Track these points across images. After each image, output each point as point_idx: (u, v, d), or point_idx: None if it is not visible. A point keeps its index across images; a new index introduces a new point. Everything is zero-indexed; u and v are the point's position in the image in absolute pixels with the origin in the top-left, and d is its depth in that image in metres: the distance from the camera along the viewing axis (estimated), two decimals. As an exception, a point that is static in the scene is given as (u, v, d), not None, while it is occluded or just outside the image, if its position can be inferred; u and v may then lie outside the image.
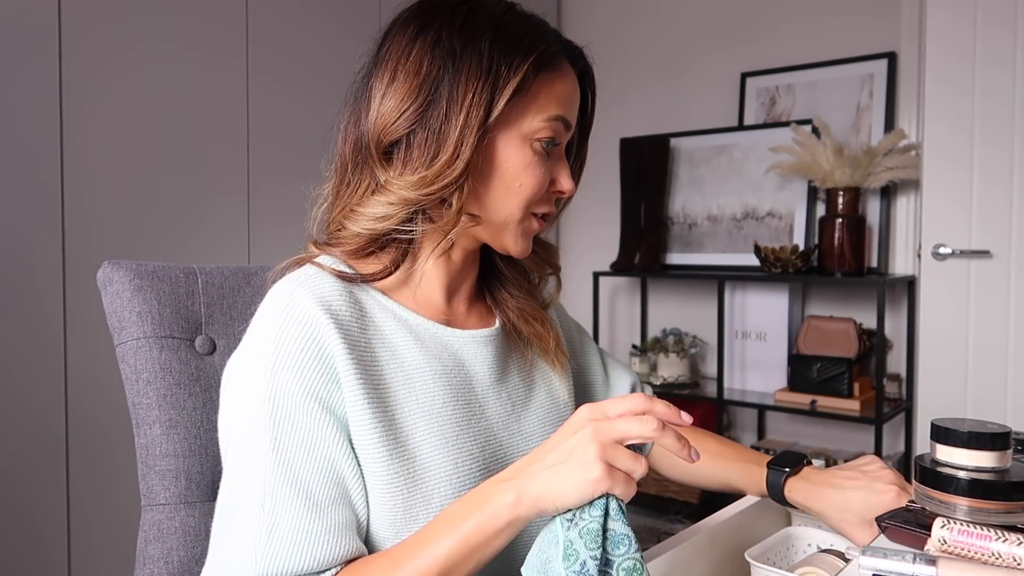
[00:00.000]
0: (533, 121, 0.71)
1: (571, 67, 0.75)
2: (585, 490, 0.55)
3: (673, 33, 2.93)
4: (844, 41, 2.55)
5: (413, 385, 0.70)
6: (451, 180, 0.68)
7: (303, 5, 2.20)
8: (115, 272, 0.83)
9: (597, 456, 0.56)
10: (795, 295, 2.61)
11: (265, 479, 0.63)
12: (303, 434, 0.64)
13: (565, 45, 0.75)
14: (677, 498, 2.62)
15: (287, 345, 0.65)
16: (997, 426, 0.64)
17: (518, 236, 0.75)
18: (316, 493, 0.63)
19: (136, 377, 0.81)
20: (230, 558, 0.63)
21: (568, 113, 0.73)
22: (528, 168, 0.72)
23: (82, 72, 1.73)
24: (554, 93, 0.72)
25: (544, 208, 0.75)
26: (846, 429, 2.57)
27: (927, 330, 2.14)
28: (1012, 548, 0.55)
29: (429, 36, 0.70)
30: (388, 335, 0.71)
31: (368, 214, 0.71)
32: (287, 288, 0.68)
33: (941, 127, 2.09)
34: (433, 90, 0.68)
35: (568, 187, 0.75)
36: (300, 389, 0.65)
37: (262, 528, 0.61)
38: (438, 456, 0.69)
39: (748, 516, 0.80)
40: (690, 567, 0.69)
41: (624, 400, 0.59)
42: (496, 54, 0.68)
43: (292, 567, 0.61)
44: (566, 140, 0.76)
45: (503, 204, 0.72)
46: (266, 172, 2.11)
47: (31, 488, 1.65)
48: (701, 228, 2.78)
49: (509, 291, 0.84)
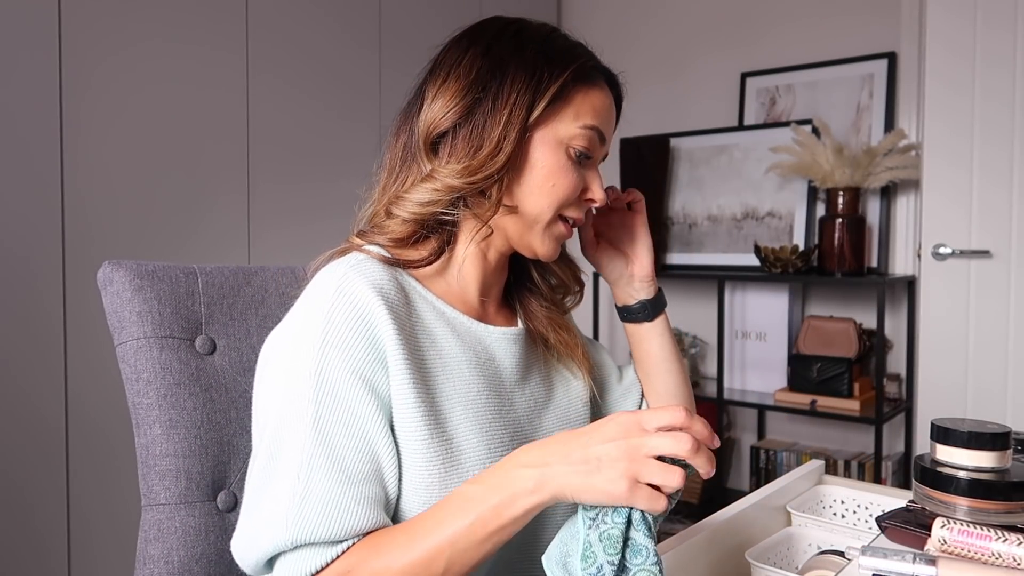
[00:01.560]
0: (570, 127, 0.76)
1: (608, 88, 0.81)
2: (605, 502, 0.57)
3: (673, 33, 2.93)
4: (844, 41, 2.55)
5: (451, 372, 0.74)
6: (492, 171, 0.74)
7: (303, 4, 2.20)
8: (115, 272, 0.83)
9: (623, 474, 0.56)
10: (795, 295, 2.61)
11: (303, 450, 0.65)
12: (344, 411, 0.67)
13: (605, 68, 0.81)
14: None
15: (338, 324, 0.68)
16: (997, 426, 0.64)
17: (546, 238, 0.79)
18: (350, 467, 0.65)
19: (136, 377, 0.81)
20: (262, 524, 0.65)
21: (603, 126, 0.79)
22: (562, 170, 0.76)
23: (82, 71, 1.73)
24: (590, 104, 0.78)
25: (574, 213, 0.80)
26: (846, 429, 2.57)
27: (927, 330, 2.14)
28: (1012, 548, 0.55)
29: (480, 47, 0.77)
30: (428, 323, 0.75)
31: (414, 199, 0.75)
32: (339, 270, 0.71)
33: (941, 127, 2.09)
34: (481, 89, 0.75)
35: (600, 196, 0.80)
36: (346, 368, 0.67)
37: (295, 495, 0.64)
38: (473, 440, 0.72)
39: (748, 516, 0.80)
40: (690, 567, 0.69)
41: (664, 412, 0.59)
42: (540, 61, 0.75)
43: (319, 533, 0.63)
44: (601, 154, 0.81)
45: (536, 201, 0.77)
46: (266, 172, 2.11)
47: (31, 488, 1.65)
48: (701, 228, 2.78)
49: (539, 302, 0.88)
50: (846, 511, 0.91)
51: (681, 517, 2.56)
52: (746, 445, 2.77)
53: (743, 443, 2.80)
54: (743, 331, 2.65)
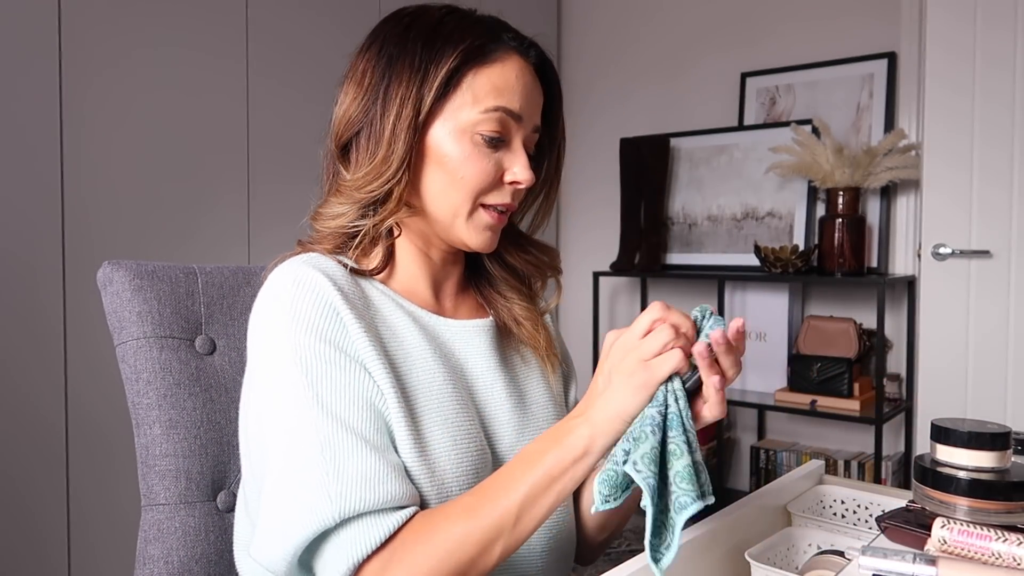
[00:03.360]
0: (471, 113, 0.73)
1: (519, 58, 0.75)
2: (641, 394, 0.59)
3: (673, 33, 2.93)
4: (844, 41, 2.55)
5: (414, 362, 0.73)
6: (389, 175, 0.72)
7: (303, 5, 2.20)
8: (115, 272, 0.83)
9: (633, 363, 0.60)
10: (795, 295, 2.61)
11: (319, 431, 0.64)
12: (341, 384, 0.66)
13: (514, 38, 0.76)
14: (677, 498, 2.62)
15: (302, 309, 0.68)
16: (997, 426, 0.64)
17: (472, 230, 0.76)
18: (371, 437, 0.65)
19: (136, 377, 0.81)
20: (293, 513, 0.62)
21: (513, 103, 0.74)
22: (469, 160, 0.73)
23: (82, 71, 1.73)
24: (490, 84, 0.73)
25: (496, 199, 0.76)
26: (846, 429, 2.57)
27: (927, 330, 2.14)
28: (1012, 548, 0.55)
29: (374, 48, 0.75)
30: (388, 316, 0.74)
31: (327, 213, 0.76)
32: (291, 266, 0.71)
33: (941, 127, 2.09)
34: (373, 94, 0.73)
35: (524, 177, 0.75)
36: (325, 344, 0.67)
37: (327, 474, 0.63)
38: (438, 431, 0.71)
39: (748, 516, 0.80)
40: (690, 567, 0.69)
41: (644, 316, 0.62)
42: (424, 52, 0.72)
43: (366, 503, 0.62)
44: (523, 131, 0.76)
45: (449, 195, 0.74)
46: (266, 172, 2.10)
47: (31, 488, 1.65)
48: (701, 228, 2.78)
49: (500, 291, 0.85)
50: (846, 511, 0.91)
51: (681, 517, 2.56)
52: (746, 445, 2.77)
53: (743, 443, 2.80)
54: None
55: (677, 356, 0.59)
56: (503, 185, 0.76)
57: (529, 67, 0.76)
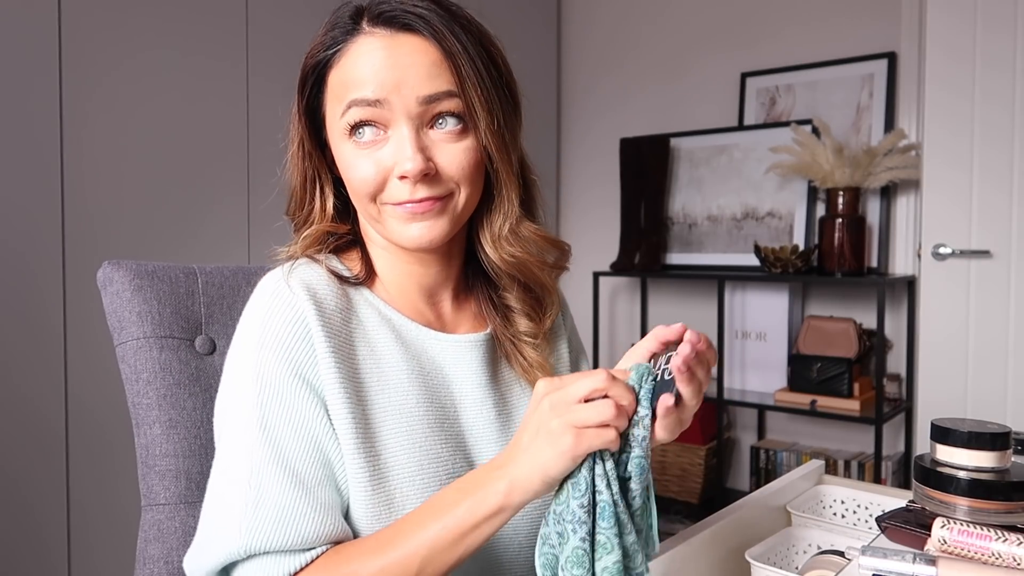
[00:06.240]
0: (335, 118, 0.71)
1: (368, 38, 0.69)
2: (565, 460, 0.55)
3: (673, 34, 2.93)
4: (844, 41, 2.55)
5: (387, 382, 0.71)
6: (300, 195, 0.77)
7: (302, 8, 2.20)
8: (115, 272, 0.83)
9: (562, 426, 0.55)
10: (795, 295, 2.61)
11: (252, 455, 0.64)
12: (290, 413, 0.66)
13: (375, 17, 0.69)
14: (677, 498, 2.62)
15: (274, 326, 0.67)
16: (997, 426, 0.64)
17: (392, 228, 0.71)
18: (303, 472, 0.64)
19: (136, 377, 0.81)
20: (215, 532, 0.64)
21: (365, 87, 0.67)
22: (351, 165, 0.70)
23: (82, 72, 1.73)
24: (341, 80, 0.70)
25: (394, 197, 0.69)
26: (846, 429, 2.57)
27: (927, 330, 2.14)
28: (1012, 548, 0.55)
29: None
30: (370, 331, 0.73)
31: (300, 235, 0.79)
32: (276, 275, 0.71)
33: (941, 127, 2.09)
34: (291, 125, 0.77)
35: (405, 168, 0.67)
36: (287, 369, 0.66)
37: (248, 503, 0.63)
38: (403, 456, 0.69)
39: (748, 516, 0.80)
40: (690, 567, 0.69)
41: (586, 380, 0.57)
42: (299, 76, 0.75)
43: (276, 542, 0.62)
44: (397, 114, 0.68)
45: (356, 203, 0.74)
46: (266, 172, 2.10)
47: (31, 488, 1.65)
48: (701, 228, 2.78)
49: (502, 297, 0.80)
50: (846, 511, 0.91)
51: (681, 517, 2.57)
52: (746, 445, 2.77)
53: (743, 443, 2.80)
54: (743, 331, 2.65)
55: (610, 436, 0.55)
56: (397, 180, 0.69)
57: (388, 41, 0.67)
